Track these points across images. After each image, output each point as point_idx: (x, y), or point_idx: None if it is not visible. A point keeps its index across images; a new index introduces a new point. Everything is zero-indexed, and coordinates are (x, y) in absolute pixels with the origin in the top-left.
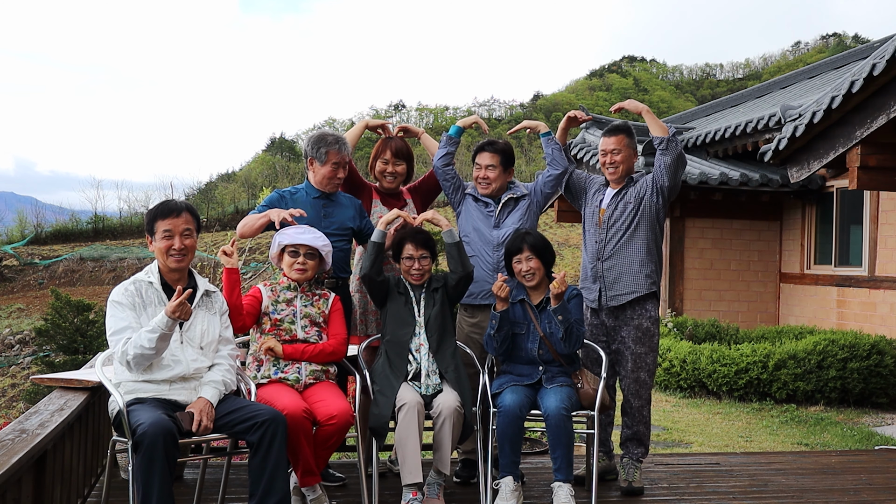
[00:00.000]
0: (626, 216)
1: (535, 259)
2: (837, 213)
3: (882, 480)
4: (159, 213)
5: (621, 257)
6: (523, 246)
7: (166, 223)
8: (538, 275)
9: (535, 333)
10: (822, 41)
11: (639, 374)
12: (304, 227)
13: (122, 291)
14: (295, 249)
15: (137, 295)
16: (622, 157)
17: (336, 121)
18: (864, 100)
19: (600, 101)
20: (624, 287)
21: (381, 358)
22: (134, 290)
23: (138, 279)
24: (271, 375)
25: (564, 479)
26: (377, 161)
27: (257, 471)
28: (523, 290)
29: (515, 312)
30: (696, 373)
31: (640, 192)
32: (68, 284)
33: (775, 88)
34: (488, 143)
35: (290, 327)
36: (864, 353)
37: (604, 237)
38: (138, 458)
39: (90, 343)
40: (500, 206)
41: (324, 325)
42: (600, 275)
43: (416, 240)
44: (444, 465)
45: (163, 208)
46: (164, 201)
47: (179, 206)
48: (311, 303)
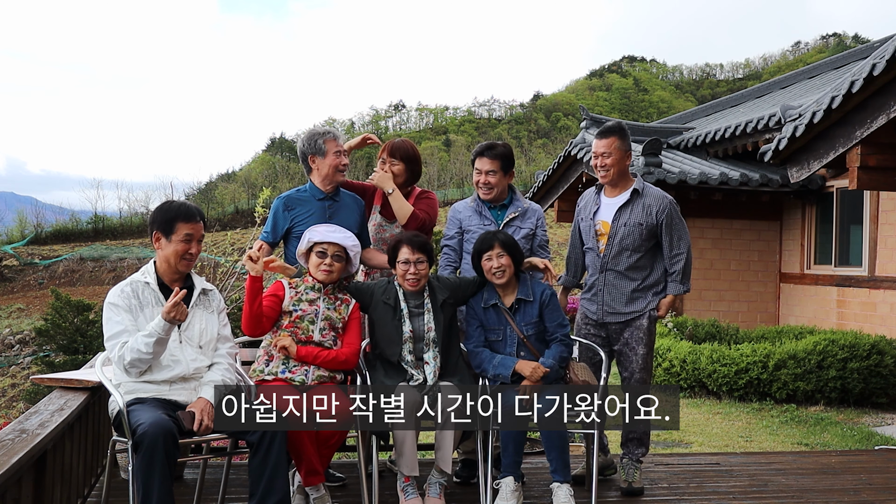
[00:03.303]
0: (634, 238)
1: (506, 256)
2: (837, 213)
3: (882, 480)
4: (182, 215)
5: (628, 276)
6: (494, 243)
7: (189, 227)
8: (508, 272)
9: (513, 336)
10: (822, 41)
11: (642, 375)
12: (333, 226)
13: (119, 293)
14: (323, 250)
15: (134, 296)
16: (613, 159)
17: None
18: (864, 100)
19: (600, 101)
20: (629, 305)
21: (376, 366)
22: (130, 291)
23: (135, 280)
24: (278, 374)
25: (563, 480)
26: (378, 160)
27: (257, 471)
28: (496, 295)
29: (489, 318)
30: (696, 373)
31: (652, 220)
32: (68, 284)
33: (775, 88)
34: (487, 148)
35: (309, 327)
36: (864, 353)
37: (609, 252)
38: (138, 459)
39: (90, 343)
40: (503, 225)
41: (341, 332)
42: (601, 288)
43: (413, 243)
44: (446, 464)
45: (185, 211)
46: (181, 203)
47: (199, 212)
48: (333, 306)
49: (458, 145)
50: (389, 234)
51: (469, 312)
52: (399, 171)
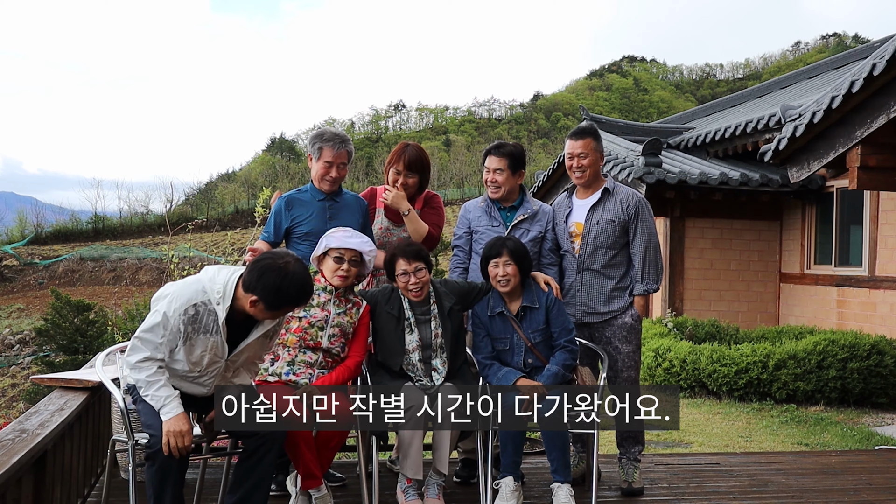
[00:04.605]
0: (608, 235)
1: (512, 265)
2: (837, 213)
3: (882, 480)
4: (294, 298)
5: (604, 274)
6: (503, 251)
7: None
8: (513, 281)
9: (520, 344)
10: (822, 41)
11: (629, 373)
12: (350, 230)
13: (182, 311)
14: (340, 255)
15: (192, 322)
16: (589, 160)
17: (336, 121)
18: (864, 100)
19: (600, 101)
20: (607, 305)
21: (379, 371)
22: (193, 314)
23: (203, 302)
24: (282, 375)
25: (563, 480)
26: (391, 168)
27: (244, 475)
28: (501, 302)
29: (495, 326)
30: (696, 373)
31: (623, 216)
32: (68, 284)
33: (775, 88)
34: (496, 147)
35: (318, 333)
36: (864, 353)
37: (584, 251)
38: (153, 471)
39: (90, 343)
40: (511, 227)
41: (351, 337)
42: (578, 289)
43: (407, 253)
44: (443, 465)
45: (300, 293)
46: (298, 287)
47: (309, 292)
48: (344, 310)
49: (458, 145)
50: (397, 238)
51: (475, 321)
52: (414, 183)
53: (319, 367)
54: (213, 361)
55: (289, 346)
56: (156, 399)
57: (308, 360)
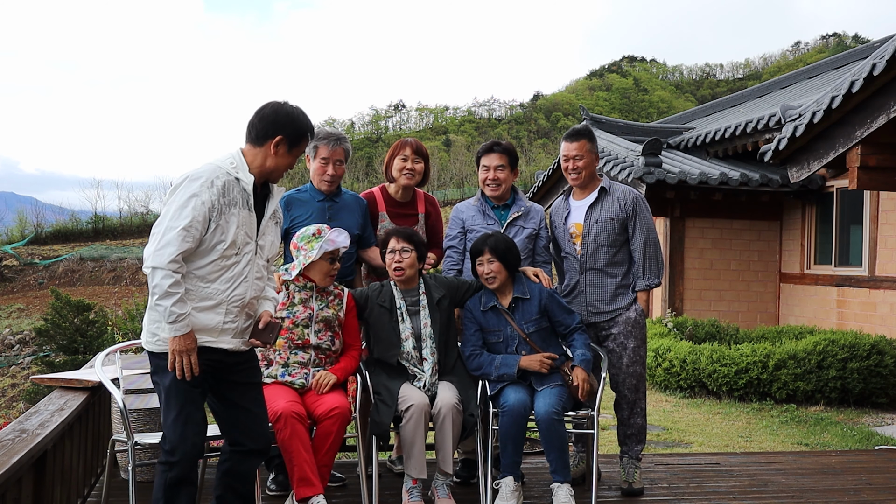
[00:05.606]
0: (608, 233)
1: (496, 262)
2: (837, 213)
3: (882, 480)
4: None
5: (608, 273)
6: (484, 248)
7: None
8: (499, 278)
9: (514, 336)
10: (822, 41)
11: (635, 368)
12: (335, 229)
13: (209, 184)
14: (333, 256)
15: (223, 194)
16: (585, 161)
17: (336, 121)
18: (864, 100)
19: (600, 101)
20: (612, 303)
21: (376, 369)
22: (222, 187)
23: (222, 172)
24: (277, 377)
25: (563, 480)
26: (395, 159)
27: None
28: (493, 297)
29: (489, 320)
30: (696, 373)
31: (622, 213)
32: (68, 284)
33: (775, 88)
34: (496, 144)
35: (304, 332)
36: (864, 353)
37: (586, 251)
38: (170, 476)
39: (90, 343)
40: (506, 225)
41: (338, 329)
42: (583, 289)
43: (399, 233)
44: (447, 465)
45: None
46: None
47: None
48: (326, 304)
49: (458, 145)
50: None
51: (466, 316)
52: (421, 169)
53: (314, 365)
54: (246, 242)
55: (279, 350)
56: (171, 314)
57: (301, 361)
